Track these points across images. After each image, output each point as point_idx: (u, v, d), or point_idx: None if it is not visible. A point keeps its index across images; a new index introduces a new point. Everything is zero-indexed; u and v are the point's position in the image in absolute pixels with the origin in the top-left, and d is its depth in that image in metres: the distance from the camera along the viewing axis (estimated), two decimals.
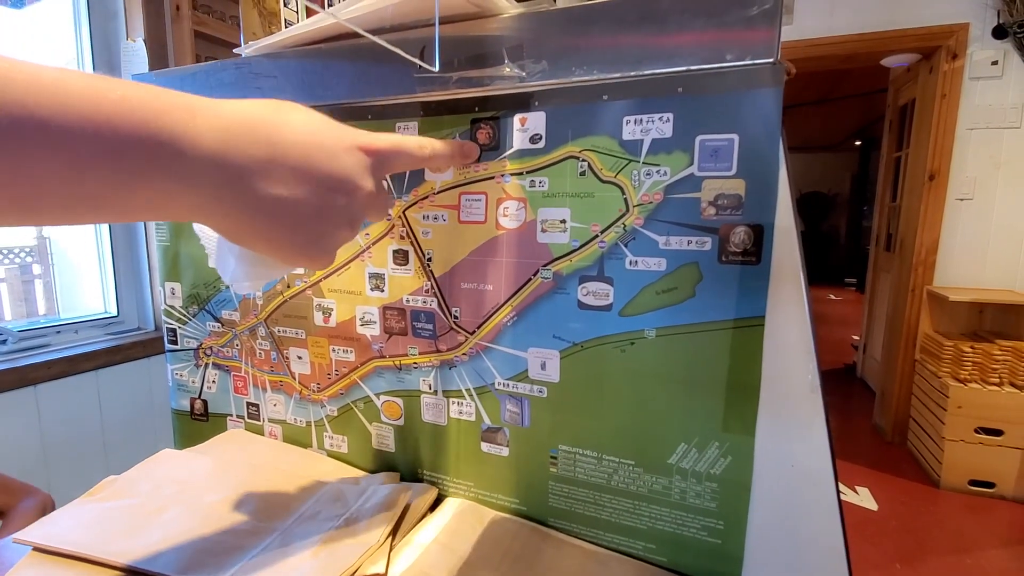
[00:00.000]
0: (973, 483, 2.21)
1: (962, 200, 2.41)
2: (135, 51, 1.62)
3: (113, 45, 1.63)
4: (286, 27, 0.67)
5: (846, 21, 2.46)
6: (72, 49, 1.61)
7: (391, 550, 0.46)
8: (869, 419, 2.95)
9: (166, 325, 0.67)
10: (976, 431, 2.16)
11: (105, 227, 1.64)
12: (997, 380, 2.16)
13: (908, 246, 2.57)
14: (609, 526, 0.48)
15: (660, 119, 0.41)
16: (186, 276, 0.65)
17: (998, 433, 2.14)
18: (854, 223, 7.62)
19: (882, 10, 2.41)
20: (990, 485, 2.19)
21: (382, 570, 0.42)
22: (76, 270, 1.72)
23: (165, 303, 0.67)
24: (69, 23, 1.60)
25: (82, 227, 1.70)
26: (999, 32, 2.26)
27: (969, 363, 2.18)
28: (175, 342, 0.67)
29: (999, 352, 2.15)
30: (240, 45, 0.57)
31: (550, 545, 0.48)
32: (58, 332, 1.48)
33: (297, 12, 0.67)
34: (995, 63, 2.30)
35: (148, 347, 1.58)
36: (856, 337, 3.84)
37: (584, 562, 0.46)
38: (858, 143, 7.32)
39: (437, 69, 0.44)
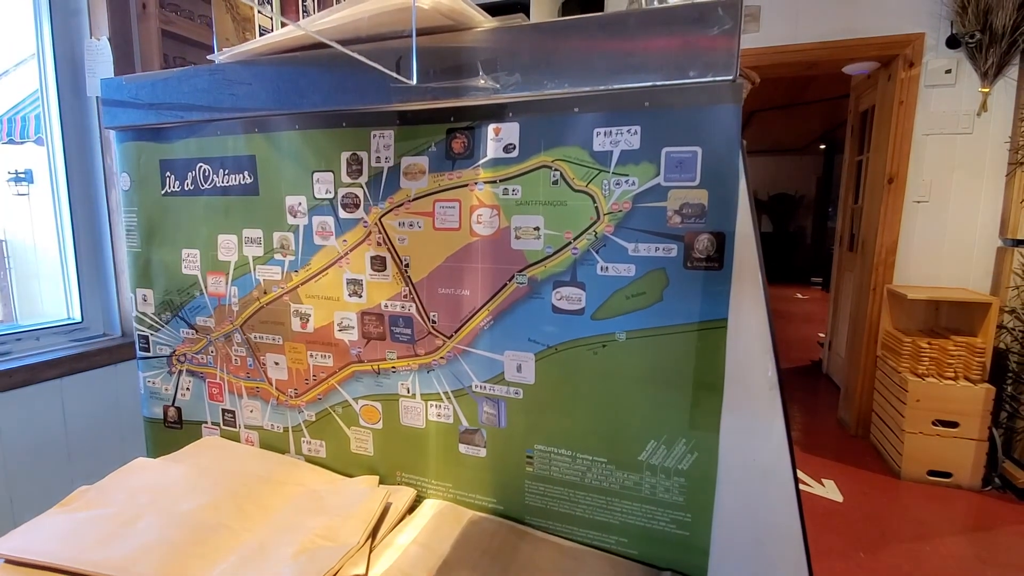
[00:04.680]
0: (931, 473, 2.31)
1: (919, 202, 2.51)
2: (99, 50, 1.58)
3: (76, 43, 1.58)
4: (260, 33, 0.67)
5: (809, 30, 2.55)
6: (32, 46, 1.56)
7: (371, 552, 0.47)
8: (835, 413, 3.06)
9: (138, 332, 0.67)
10: (934, 423, 2.26)
11: (68, 230, 1.60)
12: (953, 374, 2.26)
13: (869, 246, 2.67)
14: (583, 522, 0.50)
15: (628, 131, 0.43)
16: (158, 283, 0.64)
17: (954, 425, 2.24)
18: (819, 224, 7.86)
19: (843, 19, 2.50)
20: (947, 475, 2.29)
21: (362, 571, 0.43)
22: (36, 275, 1.67)
23: (136, 310, 0.66)
24: (29, 19, 1.55)
25: (42, 230, 1.65)
26: (952, 42, 2.37)
27: (927, 358, 2.27)
28: (147, 349, 0.66)
29: (954, 347, 2.25)
30: (210, 45, 0.57)
31: (527, 542, 0.50)
32: (18, 339, 1.43)
33: (272, 18, 0.67)
34: (948, 71, 2.41)
35: (115, 354, 1.54)
36: (822, 334, 3.96)
37: (560, 558, 0.48)
38: (822, 146, 7.55)
39: (415, 82, 0.45)
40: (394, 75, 0.44)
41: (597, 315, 0.46)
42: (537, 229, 0.47)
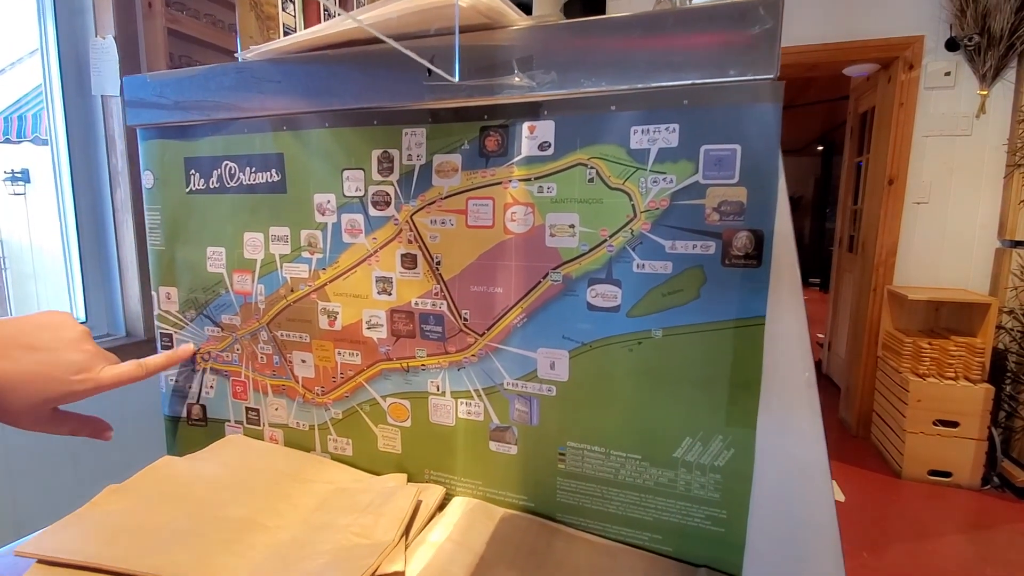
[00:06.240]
0: (932, 473, 2.33)
1: (919, 204, 2.53)
2: (104, 49, 1.57)
3: (81, 42, 1.57)
4: (284, 32, 0.67)
5: (810, 31, 2.57)
6: (29, 44, 1.55)
7: (406, 549, 0.47)
8: (835, 414, 3.07)
9: (160, 331, 0.66)
10: (934, 423, 2.28)
11: (72, 228, 1.59)
12: (953, 375, 2.28)
13: (869, 248, 2.69)
14: (616, 519, 0.50)
15: (667, 129, 0.44)
16: (183, 281, 0.64)
17: (954, 425, 2.25)
18: (817, 225, 7.91)
19: (844, 21, 2.52)
20: (947, 474, 2.31)
21: (401, 568, 0.43)
22: (32, 275, 1.66)
23: (159, 308, 0.66)
24: (31, 17, 1.54)
25: (39, 230, 1.64)
26: (951, 45, 2.39)
27: (927, 359, 2.29)
28: (171, 347, 0.66)
29: (954, 348, 2.27)
30: (216, 44, 0.57)
31: (560, 539, 0.50)
32: None
33: (295, 16, 0.67)
34: (948, 74, 2.43)
35: (120, 353, 1.52)
36: (821, 335, 3.98)
37: (594, 555, 0.48)
38: (820, 148, 7.61)
39: (456, 79, 0.45)
40: (440, 72, 0.44)
41: (633, 312, 0.46)
42: (572, 227, 0.47)
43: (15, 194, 1.75)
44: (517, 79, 0.47)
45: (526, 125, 0.48)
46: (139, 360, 0.47)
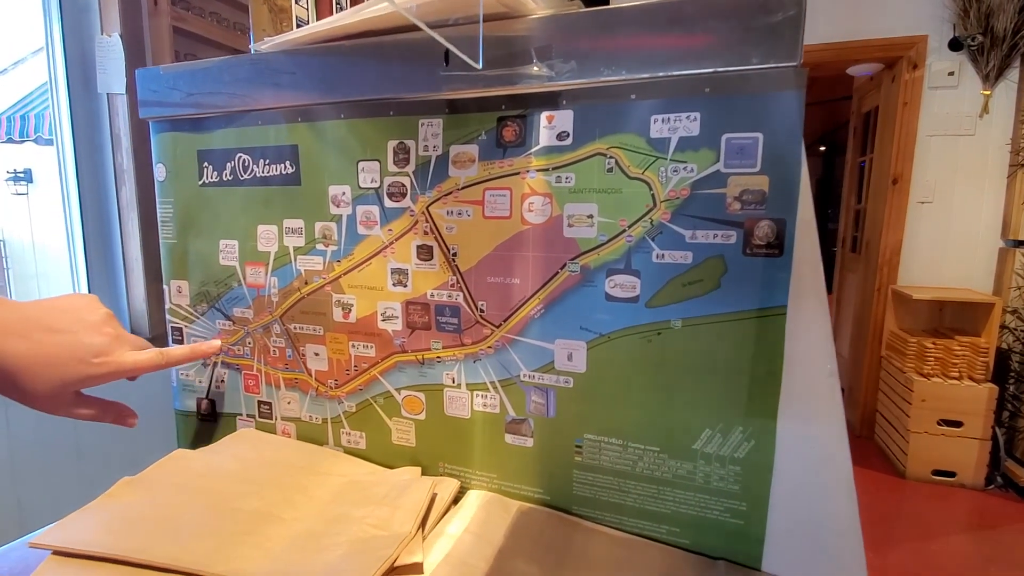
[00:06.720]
0: (936, 473, 2.32)
1: (923, 203, 2.53)
2: (110, 47, 1.57)
3: (87, 40, 1.57)
4: (297, 24, 0.67)
5: (815, 31, 2.57)
6: (32, 44, 1.55)
7: (423, 541, 0.46)
8: None
9: (171, 324, 0.66)
10: (938, 423, 2.27)
11: (77, 226, 1.59)
12: (957, 374, 2.28)
13: (873, 248, 2.68)
14: (633, 512, 0.49)
15: (687, 118, 0.43)
16: (194, 274, 0.64)
17: (958, 425, 2.25)
18: (819, 225, 7.92)
19: (848, 21, 2.52)
20: (951, 474, 2.30)
21: (420, 560, 0.43)
22: (34, 275, 1.66)
23: (170, 302, 0.65)
24: (36, 16, 1.54)
25: (42, 230, 1.64)
26: (954, 44, 2.39)
27: (931, 358, 2.28)
28: (181, 342, 0.66)
29: (958, 347, 2.26)
30: (221, 43, 0.57)
31: (578, 532, 0.49)
32: None
33: (307, 9, 0.67)
34: (951, 73, 2.43)
35: None
36: None
37: (612, 547, 0.48)
38: (822, 148, 7.61)
39: (480, 66, 0.45)
40: (465, 57, 0.44)
41: (652, 303, 0.46)
42: (591, 217, 0.47)
43: (17, 194, 1.75)
44: (536, 68, 0.47)
45: (544, 115, 0.48)
46: (162, 349, 0.46)
